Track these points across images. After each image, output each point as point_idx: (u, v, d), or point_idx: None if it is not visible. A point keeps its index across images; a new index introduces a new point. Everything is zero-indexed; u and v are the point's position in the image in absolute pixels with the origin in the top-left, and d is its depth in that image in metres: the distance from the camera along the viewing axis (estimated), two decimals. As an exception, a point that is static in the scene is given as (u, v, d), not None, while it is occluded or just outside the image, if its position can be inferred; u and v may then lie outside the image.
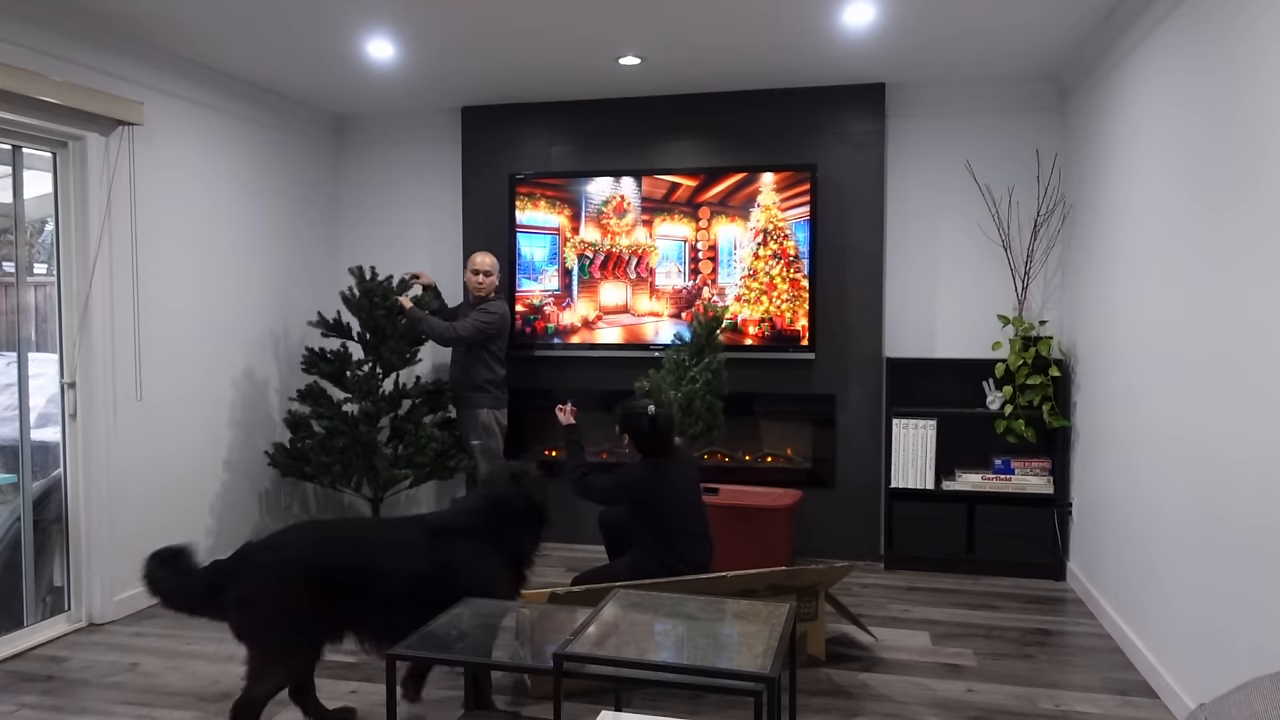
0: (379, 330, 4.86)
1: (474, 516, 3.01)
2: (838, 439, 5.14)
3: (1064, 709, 3.22)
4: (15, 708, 3.24)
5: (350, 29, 4.04)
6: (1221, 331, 2.84)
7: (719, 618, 2.75)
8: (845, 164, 5.06)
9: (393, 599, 2.85)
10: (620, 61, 4.55)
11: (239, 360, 4.96)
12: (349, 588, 2.83)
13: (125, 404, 4.19)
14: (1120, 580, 3.87)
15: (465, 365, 4.92)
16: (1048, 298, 4.98)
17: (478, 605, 2.89)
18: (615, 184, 5.19)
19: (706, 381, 4.47)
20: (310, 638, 2.85)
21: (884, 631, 3.98)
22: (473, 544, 2.96)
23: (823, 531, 5.14)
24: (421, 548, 2.92)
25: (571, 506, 5.40)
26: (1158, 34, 3.47)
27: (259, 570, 2.81)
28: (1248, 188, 2.67)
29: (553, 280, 5.30)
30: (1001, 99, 4.96)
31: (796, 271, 4.99)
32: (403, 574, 2.87)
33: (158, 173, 4.38)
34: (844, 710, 3.21)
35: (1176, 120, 3.27)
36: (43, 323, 4.03)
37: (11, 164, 3.85)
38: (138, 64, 4.20)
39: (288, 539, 2.91)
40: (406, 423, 4.93)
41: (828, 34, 4.13)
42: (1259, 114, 2.60)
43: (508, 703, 3.27)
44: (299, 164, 5.51)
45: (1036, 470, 4.79)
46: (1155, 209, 3.47)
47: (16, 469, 3.90)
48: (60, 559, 4.06)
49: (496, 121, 5.47)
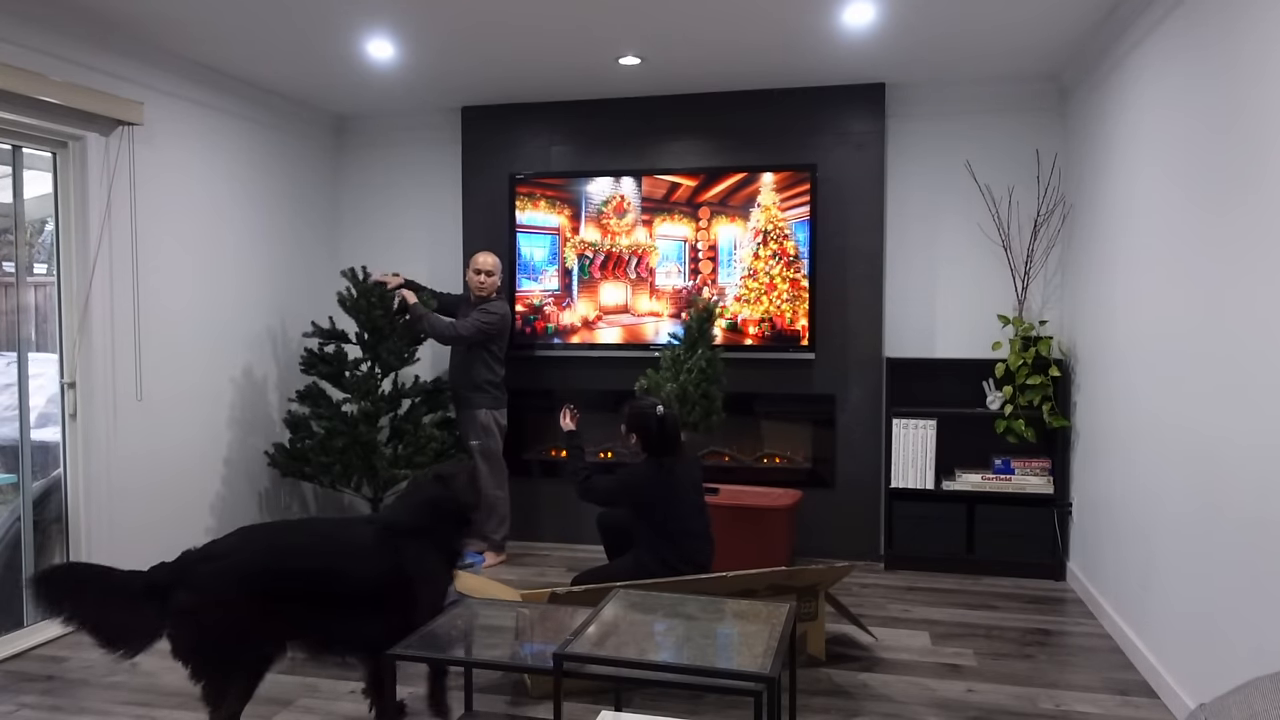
0: (377, 331, 4.86)
1: (416, 517, 2.97)
2: (838, 439, 5.14)
3: (1064, 709, 3.22)
4: (15, 708, 3.24)
5: (350, 29, 4.04)
6: (1221, 331, 2.84)
7: (719, 618, 2.75)
8: (845, 164, 5.06)
9: (348, 602, 2.76)
10: (620, 61, 4.55)
11: (239, 360, 4.96)
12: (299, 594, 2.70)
13: (125, 404, 4.19)
14: (1120, 580, 3.87)
15: (465, 365, 4.92)
16: (1048, 298, 4.98)
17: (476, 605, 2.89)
18: (615, 184, 5.19)
19: (701, 370, 4.49)
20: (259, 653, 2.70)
21: (884, 631, 3.98)
22: (418, 544, 2.91)
23: (823, 531, 5.14)
24: (373, 548, 2.85)
25: (571, 508, 5.40)
26: (1158, 34, 3.47)
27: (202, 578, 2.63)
28: (1248, 188, 2.67)
29: (553, 280, 5.30)
30: (1001, 99, 4.96)
31: (796, 271, 4.99)
32: (358, 576, 2.78)
33: (158, 173, 4.38)
34: (844, 710, 3.21)
35: (1177, 120, 3.27)
36: (43, 323, 4.03)
37: (11, 164, 3.85)
38: (138, 64, 4.20)
39: (227, 546, 2.73)
40: (406, 423, 4.93)
41: (828, 34, 4.13)
42: (1260, 114, 2.60)
43: (508, 703, 3.27)
44: (299, 164, 5.51)
45: (1036, 470, 4.79)
46: (1155, 209, 3.47)
47: (16, 469, 3.90)
48: (60, 559, 4.06)
49: (496, 121, 5.47)
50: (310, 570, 2.74)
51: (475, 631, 2.77)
